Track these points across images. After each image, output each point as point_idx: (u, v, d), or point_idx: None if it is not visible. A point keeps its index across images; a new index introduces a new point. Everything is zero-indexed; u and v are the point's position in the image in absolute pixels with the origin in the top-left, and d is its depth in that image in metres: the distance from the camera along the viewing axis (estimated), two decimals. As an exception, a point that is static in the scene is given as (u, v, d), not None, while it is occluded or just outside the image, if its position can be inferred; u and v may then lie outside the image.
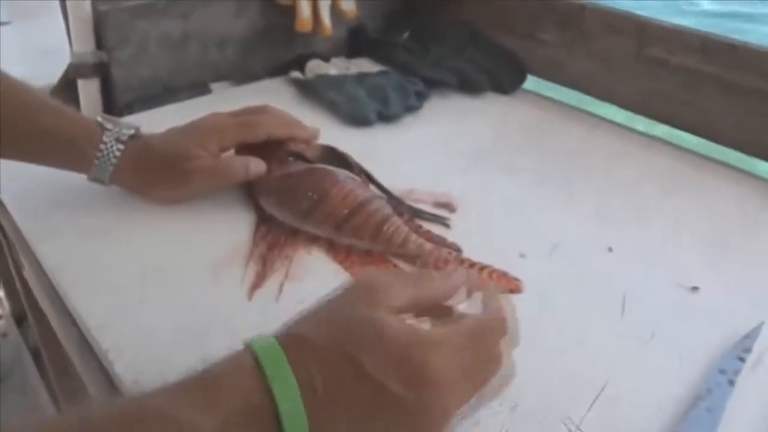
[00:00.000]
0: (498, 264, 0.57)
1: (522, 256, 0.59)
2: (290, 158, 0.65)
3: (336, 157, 0.66)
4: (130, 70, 0.87)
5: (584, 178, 0.72)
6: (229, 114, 0.65)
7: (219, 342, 0.48)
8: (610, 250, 0.60)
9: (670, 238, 0.63)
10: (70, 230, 0.60)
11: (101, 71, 0.86)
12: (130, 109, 0.87)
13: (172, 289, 0.53)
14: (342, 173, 0.61)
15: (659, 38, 0.80)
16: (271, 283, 0.54)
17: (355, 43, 1.04)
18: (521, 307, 0.52)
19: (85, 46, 0.85)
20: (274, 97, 0.85)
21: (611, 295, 0.55)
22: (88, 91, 0.87)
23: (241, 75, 0.97)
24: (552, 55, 0.92)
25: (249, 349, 0.34)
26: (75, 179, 0.62)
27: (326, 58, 0.98)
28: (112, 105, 0.89)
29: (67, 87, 0.89)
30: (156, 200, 0.63)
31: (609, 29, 0.85)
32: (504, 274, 0.56)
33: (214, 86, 0.94)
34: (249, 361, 0.33)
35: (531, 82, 0.95)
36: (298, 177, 0.61)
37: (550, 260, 0.59)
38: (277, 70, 0.97)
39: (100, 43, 0.85)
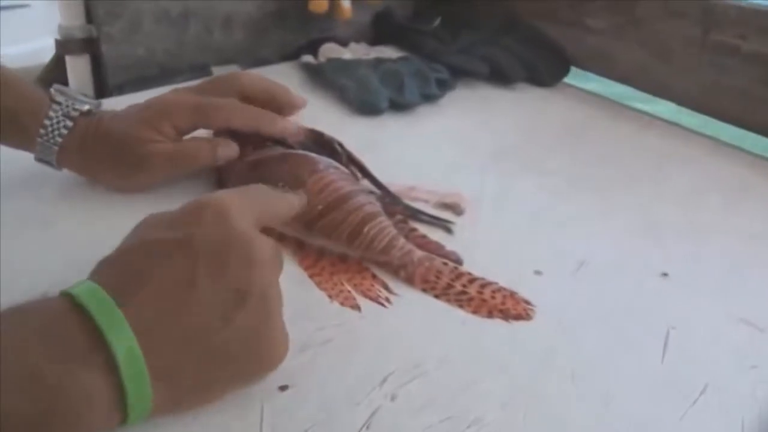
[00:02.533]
0: (506, 282, 0.45)
1: (537, 273, 0.46)
2: (268, 143, 0.54)
3: (323, 144, 0.55)
4: (122, 48, 0.79)
5: (629, 184, 0.60)
6: (191, 89, 0.55)
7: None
8: (664, 275, 0.47)
9: (733, 261, 0.50)
10: (7, 219, 0.51)
11: (91, 48, 0.78)
12: (120, 90, 0.79)
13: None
14: (324, 162, 0.50)
15: (730, 21, 0.67)
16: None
17: (380, 29, 0.93)
18: (530, 339, 0.40)
19: (74, 19, 0.77)
20: (281, 81, 0.76)
21: (651, 332, 0.42)
22: (78, 69, 0.80)
23: (250, 59, 0.87)
24: (600, 44, 0.79)
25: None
26: (25, 159, 0.53)
27: (345, 44, 0.87)
28: (104, 85, 0.81)
29: (58, 65, 0.82)
30: (112, 188, 0.54)
31: (668, 12, 0.72)
32: (511, 295, 0.44)
33: (217, 69, 0.85)
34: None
35: (574, 76, 0.82)
36: (270, 163, 0.51)
37: (573, 281, 0.46)
38: (291, 56, 0.87)
39: (90, 17, 0.77)
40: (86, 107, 0.52)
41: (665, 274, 0.48)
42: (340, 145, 0.55)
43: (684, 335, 0.42)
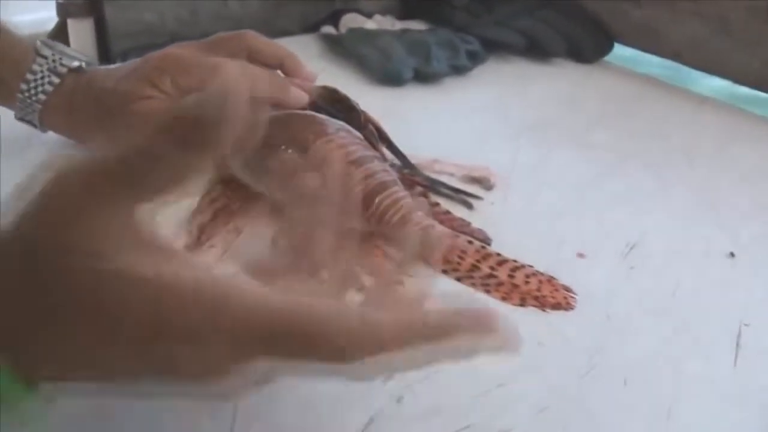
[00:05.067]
0: (543, 266, 0.38)
1: (580, 255, 0.39)
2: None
3: (339, 101, 0.49)
4: (129, 13, 0.74)
5: (685, 161, 0.53)
6: (197, 46, 0.49)
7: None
8: (731, 255, 0.41)
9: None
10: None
11: (95, 11, 0.73)
12: (124, 57, 0.74)
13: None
14: (335, 124, 0.44)
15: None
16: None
17: (408, 3, 0.87)
18: (572, 333, 0.34)
19: (76, -21, 0.72)
20: (298, 53, 0.70)
21: (719, 328, 0.35)
22: (80, 34, 0.75)
23: (267, 30, 0.81)
24: (647, 18, 0.72)
25: None
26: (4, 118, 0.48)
27: (369, 16, 0.81)
28: (108, 52, 0.76)
29: (61, 31, 0.77)
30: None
31: (728, -22, 0.64)
32: (548, 281, 0.37)
33: (232, 40, 0.80)
34: None
35: (618, 54, 0.75)
36: (272, 126, 0.44)
37: (623, 265, 0.39)
38: (311, 28, 0.82)
39: (94, -22, 0.73)
40: (75, 63, 0.47)
41: (732, 255, 0.40)
42: (356, 104, 0.49)
43: (760, 332, 0.35)
